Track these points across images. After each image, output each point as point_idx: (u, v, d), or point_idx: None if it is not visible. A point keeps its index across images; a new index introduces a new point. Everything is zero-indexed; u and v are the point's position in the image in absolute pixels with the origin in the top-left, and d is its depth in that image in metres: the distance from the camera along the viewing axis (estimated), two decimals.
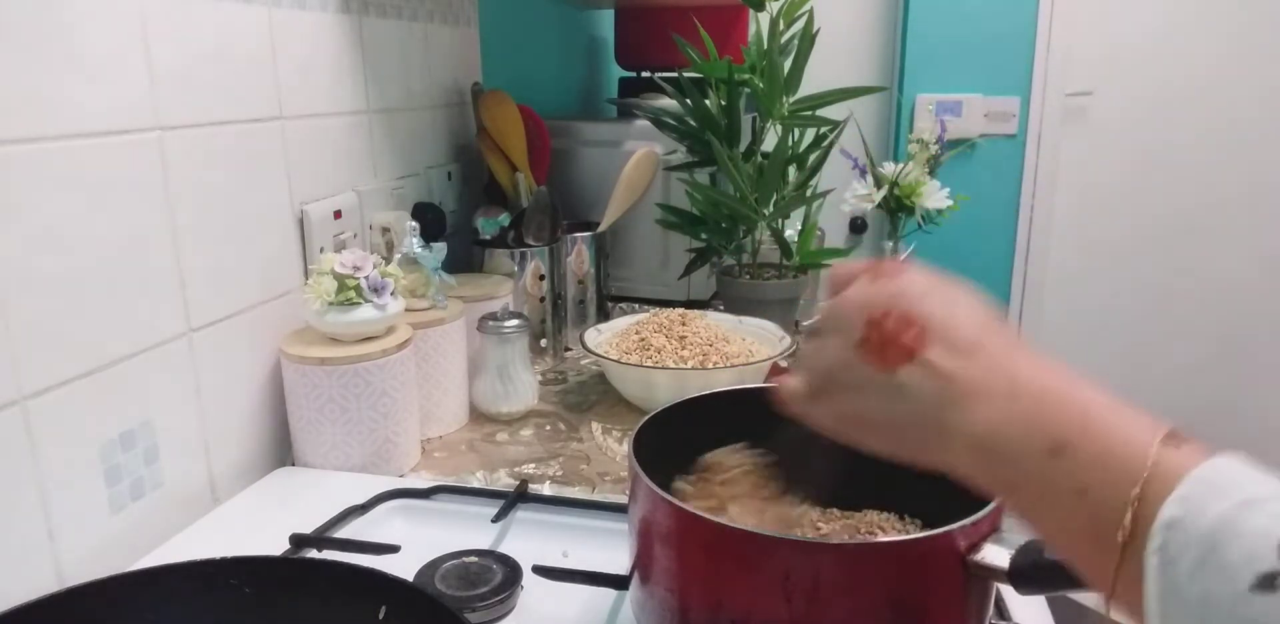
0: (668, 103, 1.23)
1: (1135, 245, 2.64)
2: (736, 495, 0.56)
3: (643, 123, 1.27)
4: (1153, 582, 0.30)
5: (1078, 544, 0.34)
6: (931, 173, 1.20)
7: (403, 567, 0.61)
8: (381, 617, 0.52)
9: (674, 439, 0.58)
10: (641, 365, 0.96)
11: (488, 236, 1.11)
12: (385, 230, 1.00)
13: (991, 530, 0.46)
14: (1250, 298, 2.63)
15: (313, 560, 0.64)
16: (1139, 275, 2.66)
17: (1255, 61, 2.49)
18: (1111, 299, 2.67)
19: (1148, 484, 0.31)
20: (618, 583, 0.62)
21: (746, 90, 1.18)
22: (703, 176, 1.25)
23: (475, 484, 0.83)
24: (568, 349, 1.19)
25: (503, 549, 0.68)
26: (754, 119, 1.22)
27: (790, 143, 1.18)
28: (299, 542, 0.68)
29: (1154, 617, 0.31)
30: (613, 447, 0.92)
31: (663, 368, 0.95)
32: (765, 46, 1.16)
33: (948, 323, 0.40)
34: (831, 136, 1.20)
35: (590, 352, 1.01)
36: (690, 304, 1.31)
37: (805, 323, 1.14)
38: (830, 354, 0.42)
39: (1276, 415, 2.57)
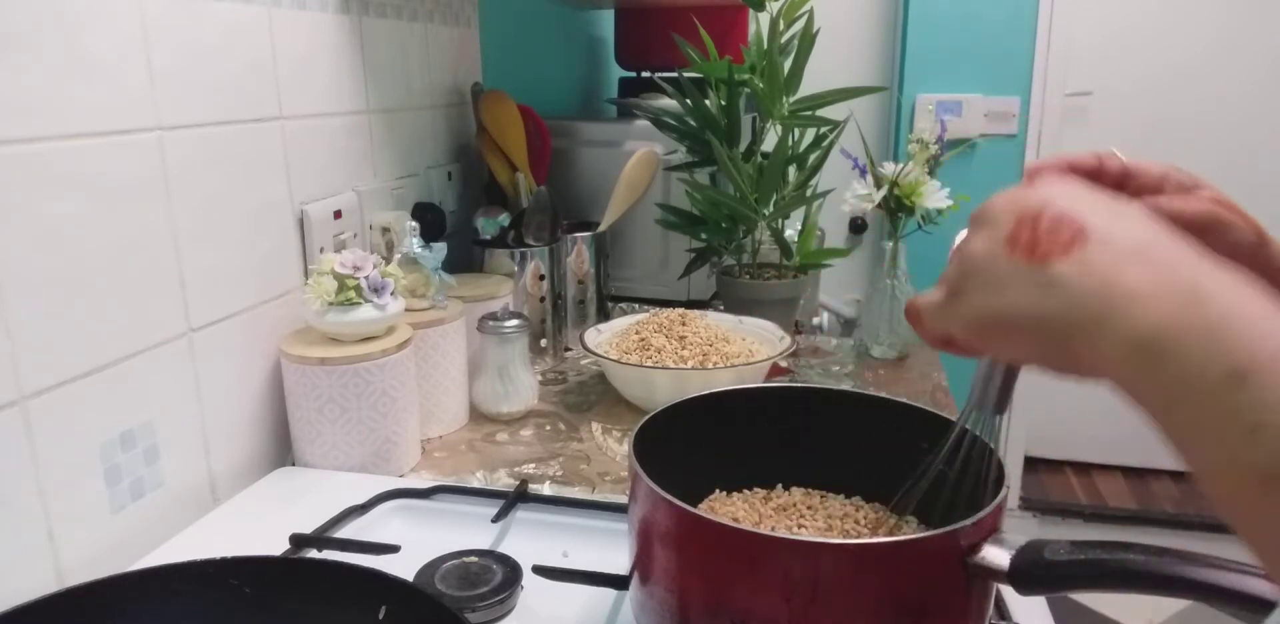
0: (668, 103, 1.23)
1: None
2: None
3: (643, 123, 1.27)
4: None
5: (1236, 484, 0.30)
6: (931, 173, 1.20)
7: (403, 567, 0.61)
8: (381, 617, 0.52)
9: (674, 439, 0.58)
10: (641, 365, 0.96)
11: (488, 236, 1.11)
12: (385, 230, 1.00)
13: (992, 531, 0.46)
14: None
15: (313, 560, 0.64)
16: None
17: (1256, 62, 2.49)
18: None
19: None
20: (618, 583, 0.62)
21: (746, 90, 1.18)
22: (703, 176, 1.25)
23: (475, 484, 0.83)
24: (568, 349, 1.19)
25: (503, 549, 0.68)
26: (754, 119, 1.22)
27: (790, 143, 1.18)
28: (299, 542, 0.68)
29: None
30: (613, 447, 0.92)
31: (663, 368, 0.95)
32: (765, 46, 1.16)
33: (1112, 225, 0.36)
34: (831, 136, 1.20)
35: (590, 352, 1.01)
36: (690, 304, 1.31)
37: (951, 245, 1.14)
38: (974, 248, 0.39)
39: None
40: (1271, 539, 0.29)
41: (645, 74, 1.74)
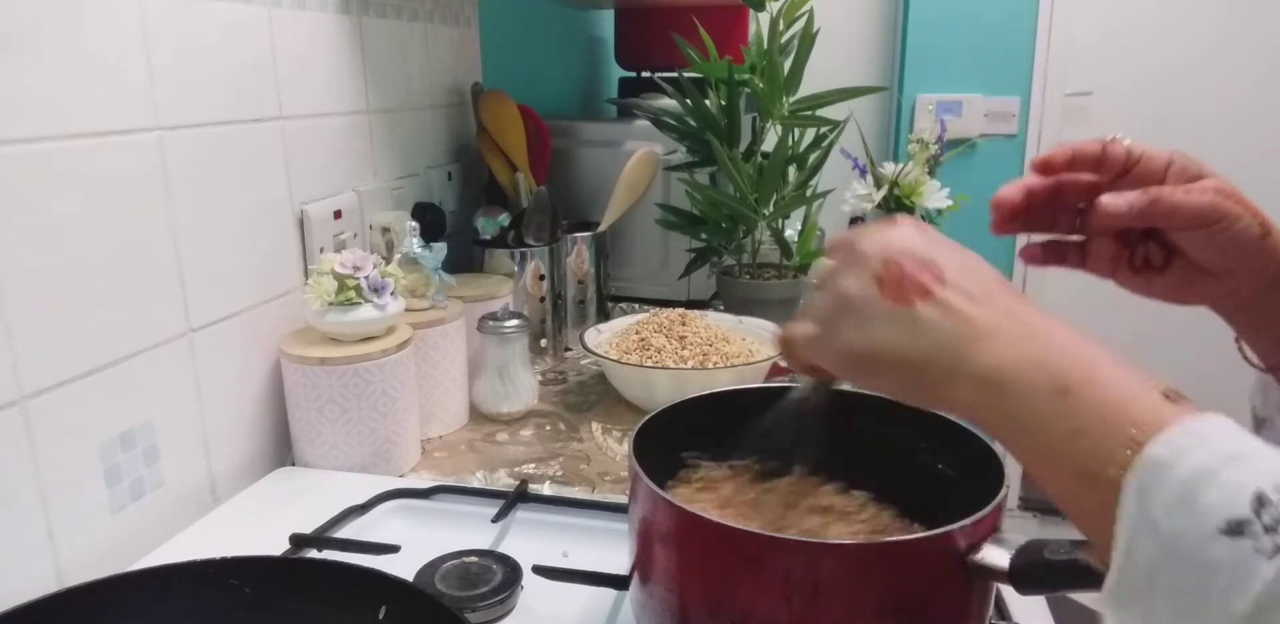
0: (668, 103, 1.23)
1: None
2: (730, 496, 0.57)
3: (643, 123, 1.27)
4: (1127, 515, 0.32)
5: (1065, 481, 0.36)
6: (931, 173, 1.20)
7: (403, 567, 0.61)
8: (381, 617, 0.52)
9: (674, 439, 0.58)
10: (641, 365, 0.96)
11: (488, 236, 1.11)
12: (385, 230, 1.00)
13: (991, 531, 0.46)
14: None
15: (313, 560, 0.64)
16: None
17: (1256, 62, 2.49)
18: (1112, 299, 2.67)
19: (1141, 428, 0.33)
20: (618, 583, 0.62)
21: (746, 90, 1.18)
22: (703, 176, 1.25)
23: (475, 484, 0.83)
24: (568, 349, 1.19)
25: (503, 549, 0.68)
26: (754, 119, 1.22)
27: (790, 143, 1.18)
28: (299, 542, 0.68)
29: (1121, 551, 0.32)
30: (613, 447, 0.92)
31: (663, 368, 0.95)
32: (765, 46, 1.16)
33: (963, 268, 0.41)
34: (831, 136, 1.20)
35: (590, 352, 1.01)
36: (690, 304, 1.31)
37: (810, 278, 1.16)
38: (846, 288, 0.43)
39: None
40: (1094, 524, 0.34)
41: (645, 74, 1.74)
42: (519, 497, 0.75)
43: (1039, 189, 0.52)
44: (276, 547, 0.67)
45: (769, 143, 1.18)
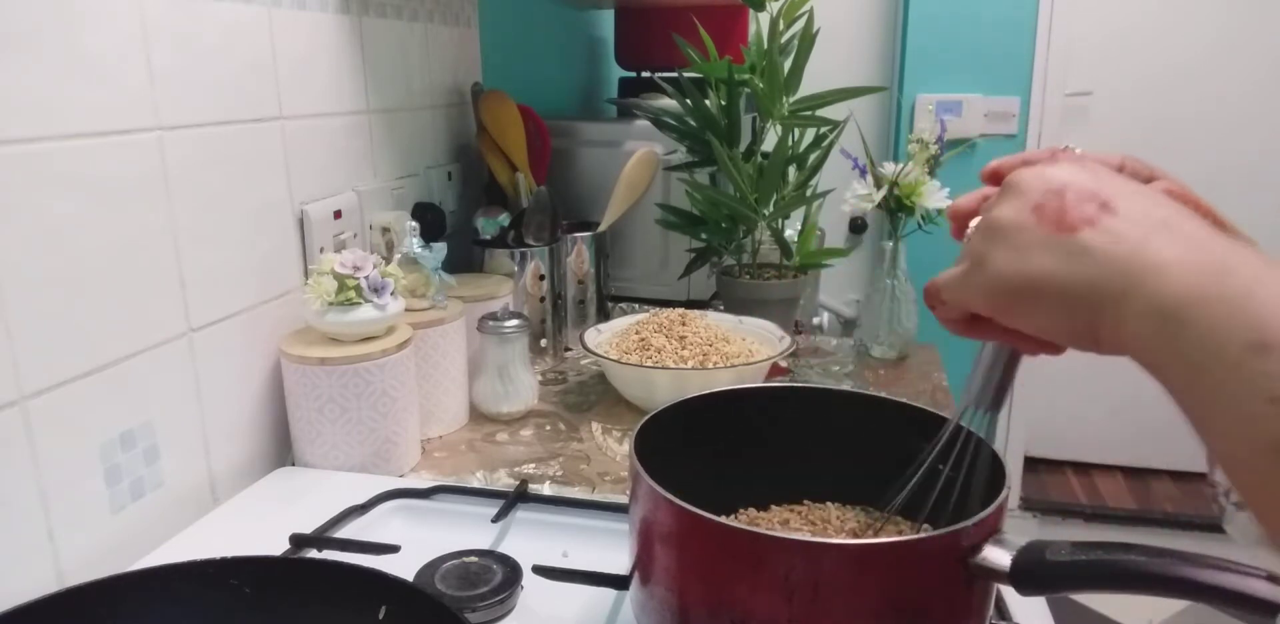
0: (668, 103, 1.23)
1: None
2: None
3: (643, 123, 1.27)
4: None
5: (1250, 452, 0.31)
6: (931, 173, 1.20)
7: (403, 567, 0.61)
8: (381, 617, 0.52)
9: (674, 439, 0.58)
10: (641, 365, 0.96)
11: (488, 236, 1.11)
12: (385, 230, 1.00)
13: (992, 531, 0.46)
14: None
15: (313, 560, 0.64)
16: None
17: (1256, 62, 2.49)
18: None
19: None
20: (618, 583, 0.62)
21: (746, 90, 1.18)
22: (703, 176, 1.25)
23: (475, 484, 0.83)
24: (568, 349, 1.19)
25: (503, 549, 0.68)
26: (754, 119, 1.22)
27: (790, 143, 1.18)
28: (299, 542, 0.68)
29: None
30: (613, 447, 0.92)
31: (663, 368, 0.95)
32: (765, 46, 1.16)
33: (1135, 198, 0.37)
34: (831, 137, 1.20)
35: (590, 352, 1.01)
36: (690, 304, 1.31)
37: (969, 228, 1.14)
38: (1001, 215, 0.39)
39: None
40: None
41: (645, 74, 1.74)
42: (519, 497, 0.75)
43: None
44: (276, 547, 0.67)
45: (769, 143, 1.18)
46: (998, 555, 0.45)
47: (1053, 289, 0.37)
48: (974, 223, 0.43)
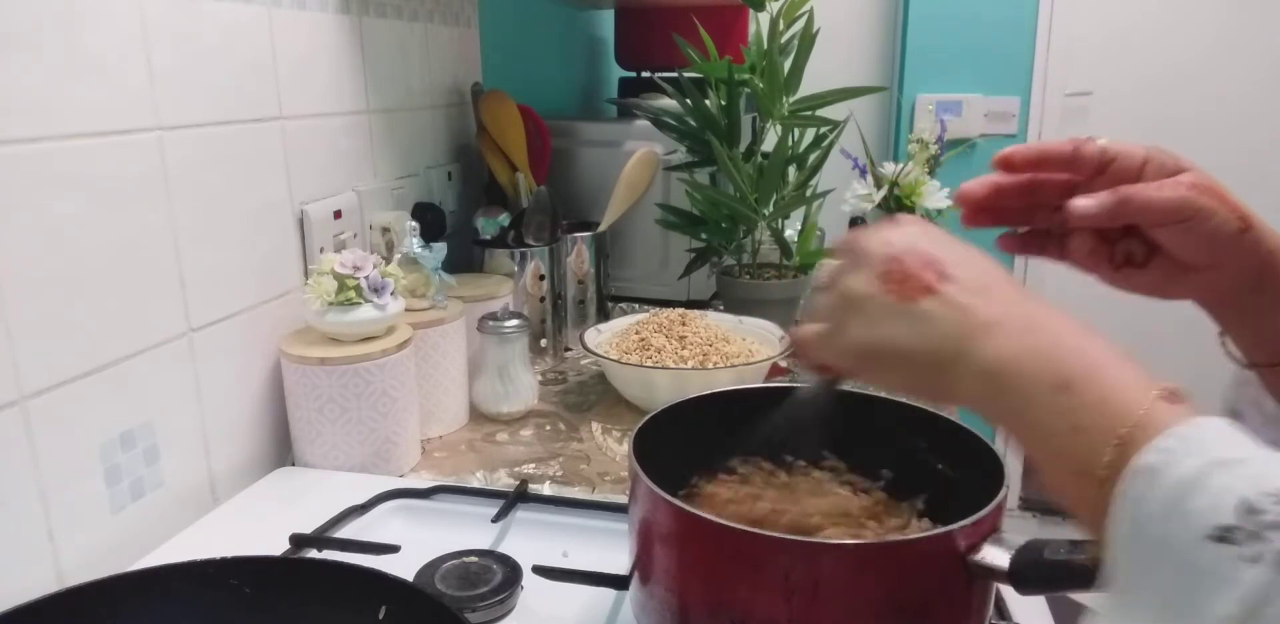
0: (668, 103, 1.23)
1: None
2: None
3: (643, 123, 1.27)
4: (1118, 520, 0.33)
5: (1064, 476, 0.36)
6: (931, 173, 1.20)
7: (403, 567, 0.61)
8: (381, 617, 0.52)
9: (674, 439, 0.58)
10: (641, 365, 0.96)
11: (488, 236, 1.11)
12: (385, 230, 1.00)
13: (991, 530, 0.46)
14: None
15: (313, 560, 0.64)
16: None
17: (1256, 62, 2.49)
18: (1111, 299, 2.67)
19: (1135, 430, 0.34)
20: (618, 583, 0.62)
21: (746, 90, 1.18)
22: (703, 176, 1.25)
23: (475, 484, 0.83)
24: (568, 349, 1.19)
25: (503, 549, 0.68)
26: (754, 119, 1.22)
27: (790, 143, 1.18)
28: (299, 542, 0.68)
29: (1116, 549, 0.33)
30: (613, 447, 0.92)
31: (663, 368, 0.95)
32: (765, 46, 1.16)
33: (964, 265, 0.42)
34: (831, 137, 1.20)
35: (590, 352, 1.01)
36: (690, 304, 1.31)
37: (815, 279, 1.17)
38: (852, 287, 0.44)
39: None
40: (1092, 520, 0.34)
41: (645, 74, 1.73)
42: (519, 497, 0.75)
43: (1009, 186, 0.52)
44: (276, 547, 0.67)
45: (769, 143, 1.18)
46: (996, 555, 0.45)
47: (901, 354, 0.42)
48: (823, 272, 0.47)
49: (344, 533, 0.71)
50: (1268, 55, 2.48)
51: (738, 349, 1.00)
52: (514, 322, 0.96)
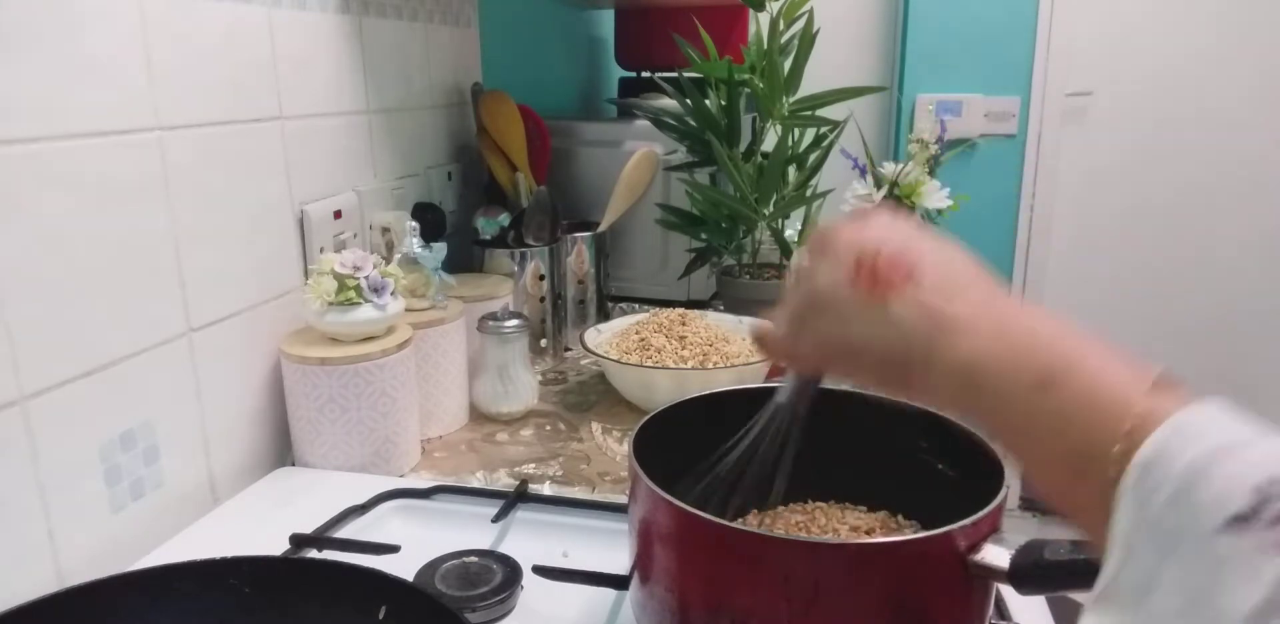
0: (668, 103, 1.23)
1: (1134, 245, 2.64)
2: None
3: (643, 123, 1.27)
4: (1123, 516, 0.31)
5: (1055, 477, 0.36)
6: (931, 173, 1.20)
7: (403, 567, 0.61)
8: (381, 617, 0.52)
9: (674, 439, 0.58)
10: (641, 365, 0.96)
11: (488, 236, 1.11)
12: (385, 230, 1.00)
13: (991, 530, 0.46)
14: (1252, 298, 2.63)
15: (313, 560, 0.64)
16: (1138, 275, 2.66)
17: (1256, 62, 2.49)
18: (1111, 299, 2.67)
19: (1133, 423, 0.32)
20: (618, 583, 0.62)
21: (746, 90, 1.18)
22: (703, 176, 1.25)
23: (475, 484, 0.83)
24: (568, 349, 1.19)
25: (503, 549, 0.68)
26: (754, 119, 1.22)
27: (790, 143, 1.18)
28: (299, 542, 0.68)
29: (1118, 551, 0.32)
30: (613, 447, 0.92)
31: (663, 368, 0.95)
32: (765, 46, 1.16)
33: (936, 263, 0.41)
34: (831, 137, 1.20)
35: (590, 352, 1.01)
36: (690, 304, 1.31)
37: (787, 272, 1.15)
38: (819, 282, 0.43)
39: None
40: (1090, 519, 0.33)
41: (645, 74, 1.74)
42: (519, 497, 0.75)
43: None
44: (276, 547, 0.67)
45: (769, 143, 1.18)
46: (997, 555, 0.45)
47: (869, 353, 0.42)
48: (794, 265, 0.47)
49: (344, 533, 0.71)
50: (1268, 56, 2.48)
51: (738, 349, 1.00)
52: (514, 322, 0.96)
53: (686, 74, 1.20)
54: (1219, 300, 2.64)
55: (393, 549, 0.66)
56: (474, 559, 0.66)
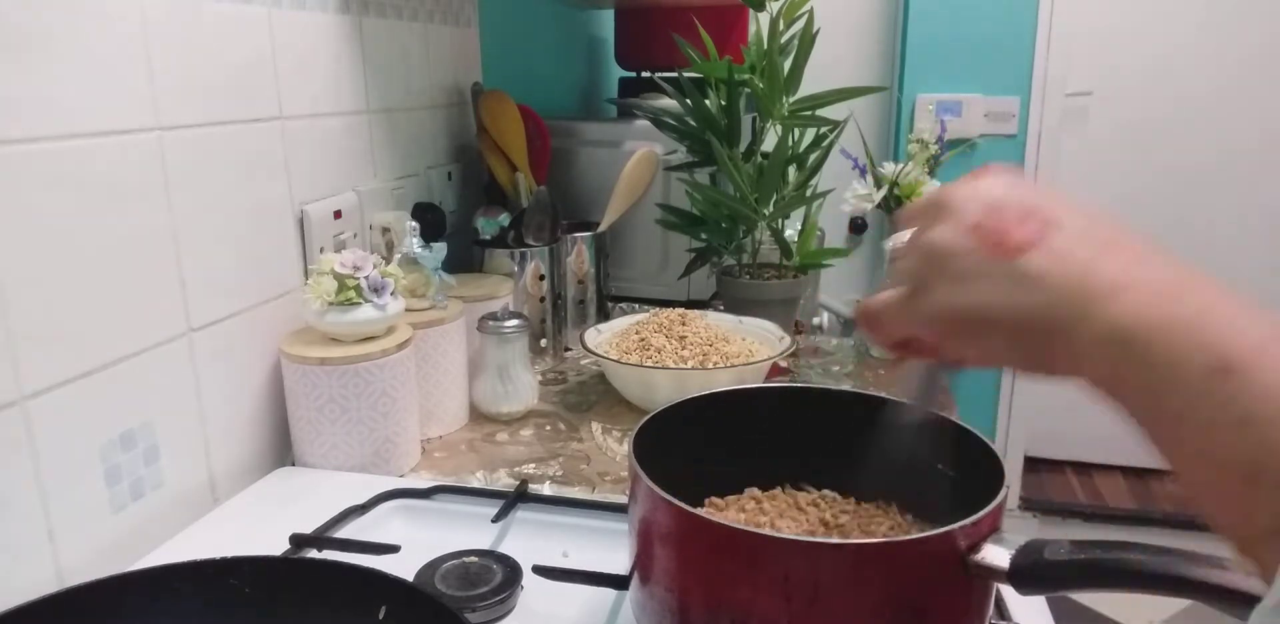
0: (668, 103, 1.23)
1: None
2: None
3: (643, 123, 1.27)
4: None
5: (1218, 475, 0.29)
6: (931, 173, 1.20)
7: (403, 567, 0.61)
8: (381, 617, 0.52)
9: (674, 439, 0.58)
10: (641, 365, 0.96)
11: (488, 236, 1.11)
12: (385, 230, 1.00)
13: (992, 530, 0.46)
14: (1251, 298, 2.62)
15: (313, 560, 0.64)
16: None
17: (1257, 62, 2.49)
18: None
19: None
20: (618, 583, 0.62)
21: (746, 90, 1.18)
22: (703, 176, 1.25)
23: (475, 484, 0.83)
24: (568, 349, 1.19)
25: (503, 549, 0.68)
26: (754, 119, 1.22)
27: (790, 143, 1.18)
28: (299, 542, 0.68)
29: None
30: (613, 447, 0.92)
31: (663, 368, 0.95)
32: (765, 46, 1.16)
33: (1076, 216, 0.34)
34: (831, 137, 1.20)
35: (590, 352, 1.01)
36: (690, 304, 1.31)
37: (889, 249, 1.09)
38: (937, 240, 0.36)
39: None
40: (1252, 530, 0.29)
41: (645, 74, 1.73)
42: (519, 497, 0.75)
43: None
44: (276, 547, 0.67)
45: (769, 143, 1.18)
46: (997, 555, 0.45)
47: (1000, 319, 0.35)
48: (901, 238, 0.42)
49: (344, 533, 0.71)
50: (1268, 56, 2.48)
51: (738, 349, 1.00)
52: (514, 322, 0.96)
53: (686, 74, 1.20)
54: None
55: (393, 549, 0.66)
56: (474, 559, 0.66)
